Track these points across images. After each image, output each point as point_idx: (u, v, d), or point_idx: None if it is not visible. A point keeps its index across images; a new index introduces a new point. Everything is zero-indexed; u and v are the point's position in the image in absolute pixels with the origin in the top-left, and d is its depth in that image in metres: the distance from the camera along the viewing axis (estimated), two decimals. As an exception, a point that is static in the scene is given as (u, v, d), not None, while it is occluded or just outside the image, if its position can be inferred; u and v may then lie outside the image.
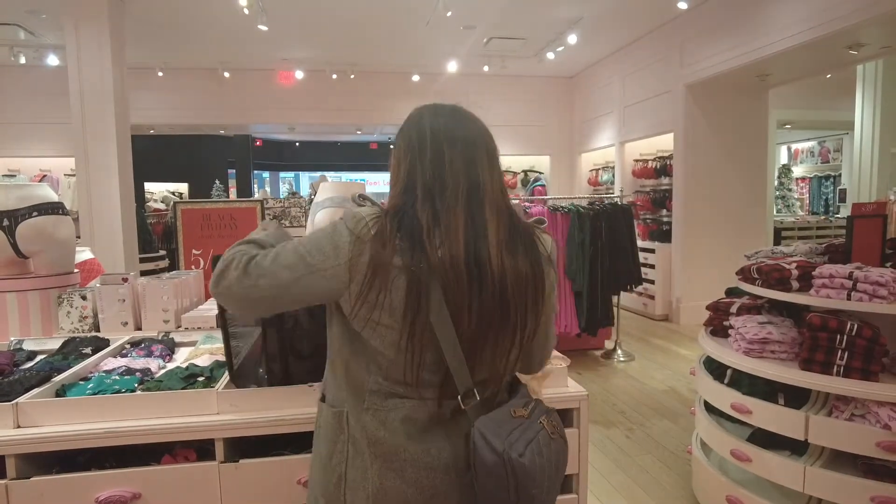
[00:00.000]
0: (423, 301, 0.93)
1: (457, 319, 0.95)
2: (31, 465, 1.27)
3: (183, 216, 2.58)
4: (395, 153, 1.07)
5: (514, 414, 0.99)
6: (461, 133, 1.03)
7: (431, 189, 0.99)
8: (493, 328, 0.98)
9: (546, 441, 0.98)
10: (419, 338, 0.95)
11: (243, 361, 1.44)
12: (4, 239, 2.00)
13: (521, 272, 0.99)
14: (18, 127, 7.47)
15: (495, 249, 0.97)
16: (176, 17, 5.94)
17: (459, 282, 0.94)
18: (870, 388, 1.93)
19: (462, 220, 0.97)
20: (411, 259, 0.93)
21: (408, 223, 0.96)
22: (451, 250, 0.95)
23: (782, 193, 9.87)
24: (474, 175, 1.00)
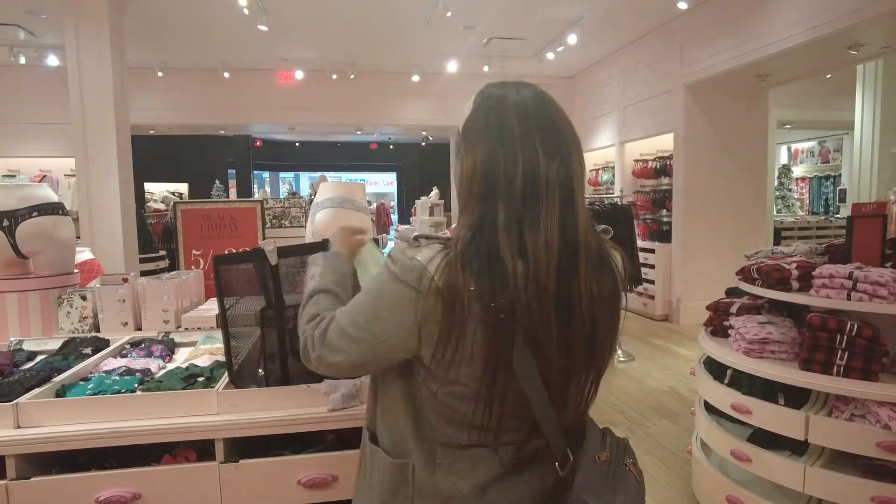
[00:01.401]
0: (507, 349, 0.80)
1: (544, 369, 0.82)
2: (31, 465, 1.27)
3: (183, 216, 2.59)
4: (466, 146, 0.86)
5: (599, 460, 0.88)
6: (552, 116, 0.86)
7: (520, 207, 0.81)
8: (582, 365, 0.87)
9: (636, 489, 0.89)
10: (500, 392, 0.82)
11: (243, 361, 1.44)
12: (4, 239, 2.00)
13: (606, 297, 0.86)
14: (18, 127, 7.47)
15: (585, 275, 0.82)
16: (176, 18, 5.94)
17: (547, 327, 0.80)
18: (870, 388, 1.93)
19: (556, 248, 0.80)
20: (491, 302, 0.78)
21: (485, 254, 0.79)
22: (539, 289, 0.79)
23: (782, 193, 9.87)
24: (566, 177, 0.83)
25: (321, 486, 1.34)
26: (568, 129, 0.87)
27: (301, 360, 0.96)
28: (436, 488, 0.88)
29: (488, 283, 0.79)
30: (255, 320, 1.42)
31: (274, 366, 1.41)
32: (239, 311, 1.42)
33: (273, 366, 1.41)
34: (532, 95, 0.87)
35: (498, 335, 0.79)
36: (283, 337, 1.39)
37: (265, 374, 1.41)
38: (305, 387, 1.37)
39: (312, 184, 11.00)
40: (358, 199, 2.97)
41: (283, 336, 1.39)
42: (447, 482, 0.88)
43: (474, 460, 0.88)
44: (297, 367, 1.41)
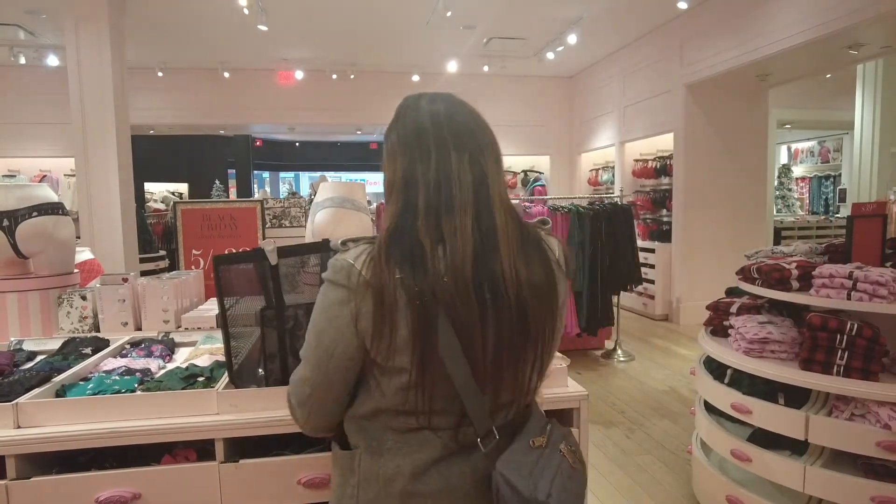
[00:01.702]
0: (431, 333, 0.84)
1: (469, 349, 0.86)
2: (31, 465, 1.27)
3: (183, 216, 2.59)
4: (387, 151, 0.95)
5: (533, 444, 0.92)
6: (464, 124, 0.92)
7: (436, 199, 0.87)
8: (513, 348, 0.90)
9: (569, 473, 0.91)
10: (430, 376, 0.86)
11: (243, 361, 1.44)
12: (4, 239, 2.00)
13: (537, 282, 0.91)
14: (18, 127, 7.48)
15: (509, 261, 0.88)
16: (176, 17, 5.94)
17: (468, 306, 0.85)
18: (870, 388, 1.93)
19: (470, 232, 0.86)
20: (413, 289, 0.83)
21: (408, 246, 0.86)
22: (456, 271, 0.84)
23: (782, 193, 9.87)
24: (482, 176, 0.90)
25: (321, 486, 1.33)
26: (481, 132, 0.94)
27: None
28: (379, 472, 0.92)
29: (410, 269, 0.84)
30: (255, 320, 1.42)
31: (274, 366, 1.40)
32: (239, 310, 1.42)
33: (273, 366, 1.41)
34: (445, 104, 0.94)
35: (422, 319, 0.84)
36: (283, 337, 1.39)
37: (265, 374, 1.41)
38: (305, 387, 1.37)
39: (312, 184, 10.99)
40: (358, 199, 2.98)
41: (283, 336, 1.39)
42: (390, 465, 0.92)
43: (420, 443, 0.92)
44: (295, 365, 1.40)
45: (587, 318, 4.75)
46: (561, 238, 0.99)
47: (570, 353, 1.88)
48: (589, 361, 5.00)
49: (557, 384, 1.48)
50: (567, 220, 4.77)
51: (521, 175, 9.09)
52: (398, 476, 0.91)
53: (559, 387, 1.48)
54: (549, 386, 1.45)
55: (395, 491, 0.91)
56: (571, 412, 1.46)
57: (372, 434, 0.95)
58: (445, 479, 0.92)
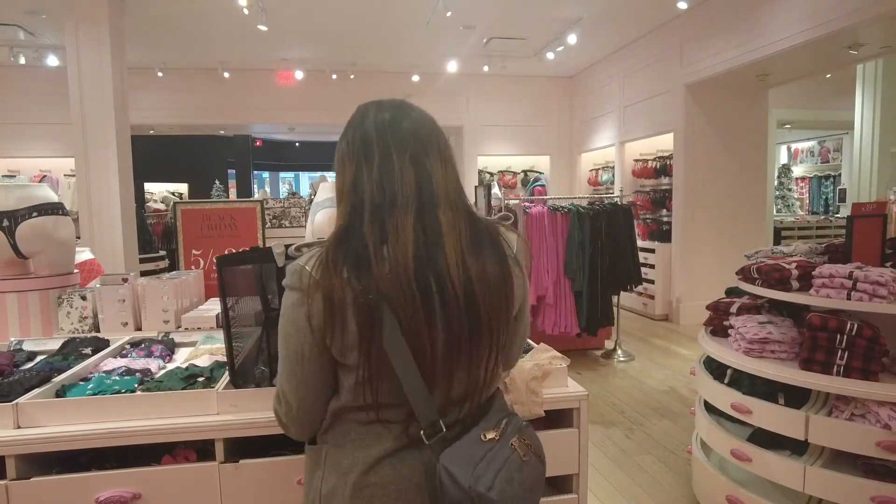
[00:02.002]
0: (376, 329, 0.87)
1: (415, 344, 0.89)
2: (31, 465, 1.27)
3: (183, 216, 2.58)
4: (337, 159, 0.99)
5: (484, 438, 0.93)
6: (408, 129, 0.96)
7: (380, 200, 0.91)
8: (464, 342, 0.91)
9: (517, 465, 0.92)
10: (375, 370, 0.89)
11: (244, 362, 1.44)
12: (4, 239, 2.00)
13: (489, 274, 0.92)
14: (18, 127, 7.47)
15: (455, 256, 0.90)
16: (176, 18, 5.94)
17: (411, 301, 0.87)
18: (870, 388, 1.93)
19: (411, 231, 0.89)
20: (358, 285, 0.87)
21: (354, 247, 0.89)
22: (398, 268, 0.87)
23: (782, 193, 9.87)
24: (425, 177, 0.93)
25: (321, 486, 1.33)
26: (425, 134, 0.97)
27: None
28: (340, 462, 0.97)
29: (355, 269, 0.88)
30: (257, 321, 1.42)
31: (275, 366, 1.40)
32: (241, 311, 1.42)
33: (274, 366, 1.40)
34: (392, 111, 0.98)
35: (366, 316, 0.87)
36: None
37: (267, 375, 1.41)
38: (305, 387, 1.37)
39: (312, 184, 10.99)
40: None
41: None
42: (349, 457, 0.96)
43: (375, 436, 0.95)
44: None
45: (587, 318, 4.75)
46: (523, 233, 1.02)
47: (570, 353, 1.88)
48: (589, 361, 5.01)
49: (557, 384, 1.48)
50: (567, 220, 4.77)
51: (521, 175, 9.09)
52: (354, 468, 0.95)
53: (559, 387, 1.48)
54: (549, 386, 1.45)
55: (349, 481, 0.94)
56: (571, 412, 1.46)
57: (338, 429, 0.99)
58: (397, 472, 0.94)
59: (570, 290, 4.76)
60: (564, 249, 4.76)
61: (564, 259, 4.75)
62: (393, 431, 0.95)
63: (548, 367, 1.45)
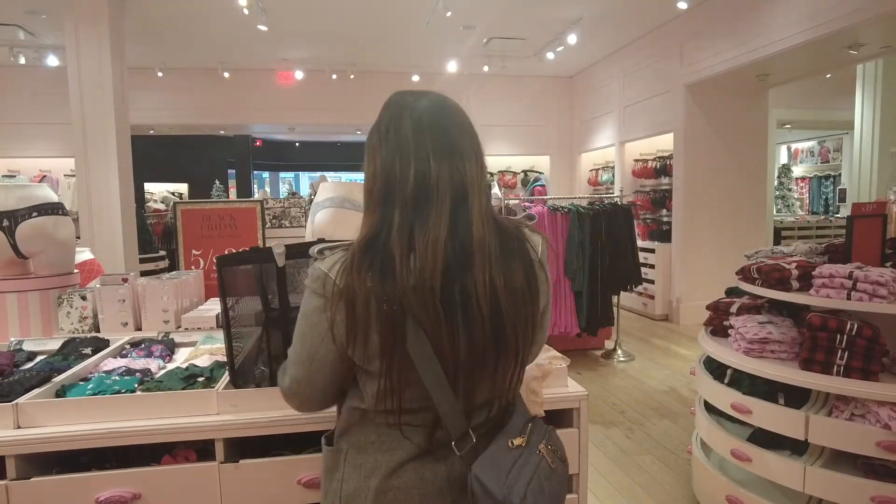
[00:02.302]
0: (398, 339, 0.86)
1: (440, 355, 0.88)
2: (31, 465, 1.27)
3: (183, 216, 2.58)
4: (368, 153, 0.95)
5: (512, 446, 0.92)
6: (447, 132, 0.92)
7: (413, 211, 0.88)
8: (489, 354, 0.91)
9: (547, 474, 0.92)
10: (397, 378, 0.89)
11: (243, 361, 1.44)
12: (4, 239, 2.00)
13: (517, 288, 0.91)
14: (18, 127, 7.47)
15: (483, 273, 0.88)
16: (176, 18, 5.94)
17: (434, 316, 0.86)
18: (870, 388, 1.93)
19: (443, 248, 0.86)
20: (382, 295, 0.85)
21: (379, 253, 0.88)
22: (425, 281, 0.85)
23: (782, 193, 9.87)
24: (460, 182, 0.90)
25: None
26: (463, 136, 0.94)
27: None
28: (361, 465, 0.97)
29: (379, 278, 0.86)
30: (257, 321, 1.42)
31: (278, 366, 1.40)
32: (241, 310, 1.42)
33: (277, 367, 1.40)
34: (430, 105, 0.94)
35: (390, 325, 0.86)
36: (284, 337, 1.39)
37: (267, 375, 1.41)
38: (305, 387, 1.37)
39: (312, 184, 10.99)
40: (358, 198, 2.97)
41: (284, 336, 1.39)
42: (370, 461, 0.96)
43: (398, 441, 0.95)
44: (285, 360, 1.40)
45: (587, 318, 4.75)
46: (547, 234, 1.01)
47: (570, 353, 1.87)
48: (589, 361, 5.00)
49: (557, 384, 1.48)
50: (567, 220, 4.77)
51: (521, 175, 9.09)
52: (376, 471, 0.95)
53: (559, 387, 1.48)
54: (549, 386, 1.45)
55: (372, 485, 0.94)
56: (571, 412, 1.46)
57: (358, 430, 0.99)
58: (420, 476, 0.94)
59: (570, 290, 4.76)
60: (564, 249, 4.76)
61: (564, 259, 4.75)
62: (417, 436, 0.95)
63: (548, 367, 1.45)
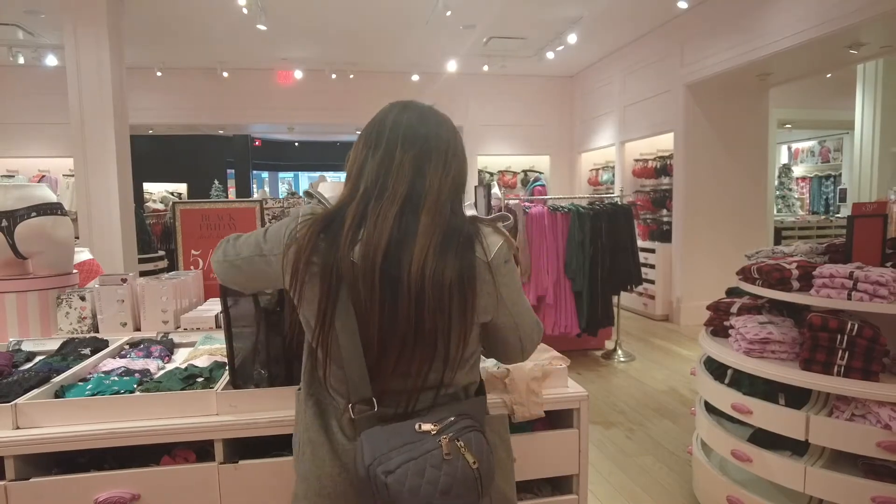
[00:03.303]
0: (331, 303, 0.94)
1: (363, 324, 0.94)
2: (30, 466, 1.27)
3: (182, 216, 2.58)
4: (354, 145, 1.08)
5: (418, 429, 0.93)
6: (422, 133, 1.02)
7: (371, 189, 0.99)
8: (404, 338, 0.94)
9: (436, 462, 0.89)
10: (326, 339, 0.96)
11: (242, 362, 1.43)
12: (3, 240, 1.99)
13: (445, 281, 0.93)
14: (17, 127, 7.47)
15: (419, 257, 0.93)
16: (175, 17, 5.93)
17: (368, 285, 0.93)
18: (870, 388, 1.92)
19: (390, 224, 0.95)
20: (324, 258, 0.94)
21: (336, 222, 0.97)
22: (367, 251, 0.93)
23: (782, 193, 9.87)
24: (420, 180, 0.99)
25: (321, 487, 1.33)
26: (434, 139, 1.02)
27: None
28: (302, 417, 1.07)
29: (325, 242, 0.96)
30: (257, 321, 1.42)
31: (278, 367, 1.40)
32: (240, 311, 1.41)
33: (277, 368, 1.40)
34: (412, 113, 1.05)
35: (325, 286, 0.95)
36: (285, 339, 1.38)
37: (266, 375, 1.41)
38: (305, 387, 1.37)
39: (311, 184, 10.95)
40: (357, 198, 2.98)
41: (284, 336, 1.39)
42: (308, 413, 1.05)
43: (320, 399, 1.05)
44: (298, 367, 1.40)
45: (587, 319, 4.75)
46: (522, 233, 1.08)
47: (570, 354, 1.87)
48: (589, 362, 5.00)
49: (557, 384, 1.47)
50: (567, 220, 4.77)
51: (520, 175, 9.09)
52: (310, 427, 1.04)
53: (559, 387, 1.48)
54: (549, 386, 1.45)
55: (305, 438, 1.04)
56: (571, 413, 1.46)
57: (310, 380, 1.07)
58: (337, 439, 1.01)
59: (571, 291, 4.76)
60: (564, 249, 4.75)
61: (564, 259, 4.75)
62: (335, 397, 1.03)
63: (548, 367, 1.45)
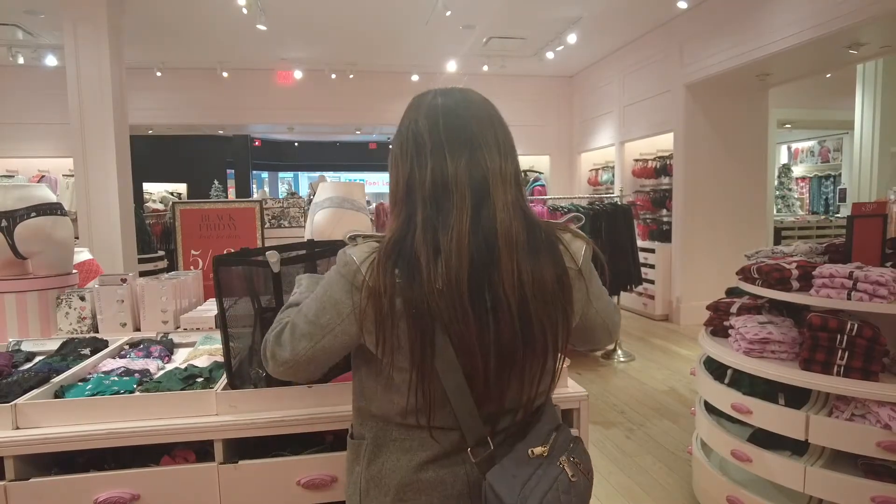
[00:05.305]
0: (427, 344, 0.86)
1: (466, 361, 0.87)
2: (29, 466, 1.27)
3: (181, 217, 2.58)
4: (390, 160, 0.96)
5: (532, 455, 0.90)
6: (462, 125, 0.91)
7: (434, 210, 0.88)
8: (518, 356, 0.89)
9: (566, 487, 0.88)
10: (428, 383, 0.88)
11: (242, 362, 1.43)
12: (3, 240, 1.99)
13: (545, 280, 0.88)
14: (17, 127, 7.46)
15: (511, 267, 0.86)
16: (174, 17, 5.93)
17: (465, 320, 0.85)
18: (870, 388, 1.92)
19: (467, 245, 0.85)
20: (410, 298, 0.85)
21: (406, 255, 0.87)
22: (451, 285, 0.84)
23: (782, 193, 9.87)
24: (480, 175, 0.89)
25: (321, 487, 1.33)
26: (484, 128, 0.92)
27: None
28: (382, 465, 0.96)
29: (406, 280, 0.86)
30: (254, 321, 1.42)
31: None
32: (238, 311, 1.41)
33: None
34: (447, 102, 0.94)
35: (417, 328, 0.86)
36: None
37: (263, 375, 1.41)
38: (305, 387, 1.37)
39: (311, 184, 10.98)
40: (357, 199, 2.97)
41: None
42: (392, 459, 0.95)
43: (420, 442, 0.94)
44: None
45: (587, 318, 4.74)
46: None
47: (570, 354, 1.86)
48: (589, 362, 5.00)
49: (557, 384, 1.47)
50: (567, 220, 4.76)
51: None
52: (397, 470, 0.94)
53: (559, 387, 1.47)
54: (550, 386, 1.45)
55: (392, 483, 0.94)
56: (571, 413, 1.46)
57: (378, 427, 0.98)
58: (440, 479, 0.93)
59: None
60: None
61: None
62: (441, 441, 0.93)
63: (548, 367, 1.45)
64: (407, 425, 0.95)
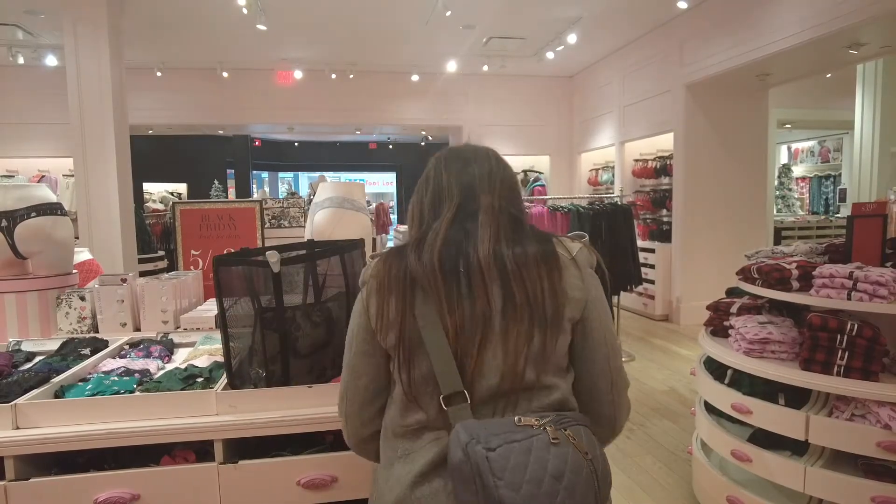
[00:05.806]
0: (408, 308, 0.94)
1: (445, 320, 0.93)
2: (30, 466, 1.27)
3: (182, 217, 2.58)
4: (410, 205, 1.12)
5: (519, 423, 0.85)
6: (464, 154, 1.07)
7: (432, 215, 1.03)
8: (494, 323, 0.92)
9: (542, 445, 0.82)
10: (408, 345, 0.94)
11: (242, 362, 1.43)
12: (3, 240, 1.99)
13: (528, 255, 0.96)
14: (17, 127, 7.46)
15: (487, 241, 0.96)
16: (174, 17, 5.93)
17: (436, 281, 0.94)
18: (870, 388, 1.92)
19: (446, 226, 0.99)
20: (398, 269, 0.97)
21: (401, 250, 1.01)
22: (431, 255, 0.96)
23: (782, 193, 9.87)
24: (468, 182, 1.03)
25: (321, 487, 1.33)
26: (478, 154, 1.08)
27: None
28: (389, 479, 0.98)
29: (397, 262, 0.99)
30: (254, 321, 1.42)
31: (274, 367, 1.40)
32: (238, 311, 1.41)
33: (274, 367, 1.40)
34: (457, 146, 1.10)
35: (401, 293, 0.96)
36: (283, 338, 1.38)
37: (265, 375, 1.41)
38: (305, 387, 1.37)
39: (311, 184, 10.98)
40: (357, 199, 2.97)
41: (284, 337, 1.39)
42: (396, 472, 0.97)
43: (422, 448, 0.96)
44: (297, 367, 1.40)
45: (587, 318, 4.74)
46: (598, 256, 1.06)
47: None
48: (589, 361, 4.99)
49: (558, 385, 1.47)
50: (567, 220, 4.77)
51: (520, 175, 9.08)
52: (401, 481, 0.96)
53: (559, 387, 1.47)
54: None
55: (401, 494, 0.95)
56: (572, 413, 1.46)
57: (386, 448, 1.01)
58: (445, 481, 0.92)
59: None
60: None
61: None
62: (437, 438, 0.95)
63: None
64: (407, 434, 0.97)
